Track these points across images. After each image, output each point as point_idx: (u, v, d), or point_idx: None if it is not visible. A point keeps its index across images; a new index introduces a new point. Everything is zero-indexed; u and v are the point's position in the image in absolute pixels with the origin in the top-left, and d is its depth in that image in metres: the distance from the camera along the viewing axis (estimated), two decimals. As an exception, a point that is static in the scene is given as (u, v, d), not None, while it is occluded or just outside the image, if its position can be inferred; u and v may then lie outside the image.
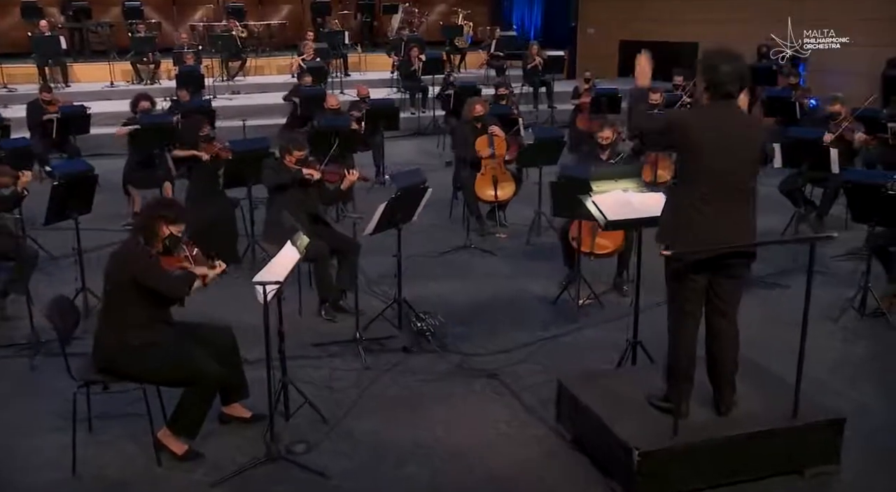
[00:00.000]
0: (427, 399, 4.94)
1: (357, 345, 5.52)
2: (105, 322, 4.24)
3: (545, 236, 8.15)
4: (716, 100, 3.81)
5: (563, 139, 8.18)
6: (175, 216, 4.25)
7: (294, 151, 6.15)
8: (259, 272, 4.40)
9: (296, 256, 4.27)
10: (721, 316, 4.00)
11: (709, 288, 3.93)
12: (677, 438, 3.84)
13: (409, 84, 14.22)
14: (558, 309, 6.36)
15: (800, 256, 7.12)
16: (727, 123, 3.81)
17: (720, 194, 3.81)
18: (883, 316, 6.05)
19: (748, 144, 3.84)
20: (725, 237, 3.79)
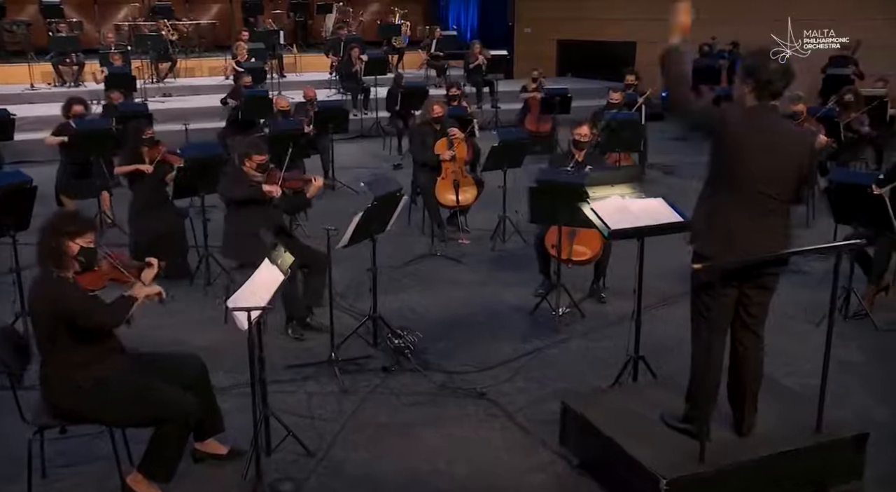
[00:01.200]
0: (417, 425, 4.57)
1: (333, 366, 5.12)
2: (47, 363, 3.70)
3: (511, 242, 7.89)
4: (763, 100, 3.56)
5: (528, 141, 7.90)
6: (78, 227, 3.68)
7: (254, 156, 5.71)
8: (235, 294, 3.99)
9: (279, 276, 3.85)
10: (749, 330, 3.77)
11: (737, 301, 3.68)
12: (704, 464, 3.57)
13: (351, 85, 13.79)
14: (537, 319, 6.08)
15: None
16: (775, 129, 3.58)
17: (757, 202, 3.57)
18: (866, 317, 5.96)
19: (793, 156, 3.59)
20: (762, 247, 3.55)
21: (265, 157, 5.77)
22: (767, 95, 3.57)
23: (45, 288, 3.61)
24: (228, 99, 11.18)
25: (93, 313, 3.60)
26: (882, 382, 5.10)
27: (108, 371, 3.68)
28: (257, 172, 5.76)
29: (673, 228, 4.37)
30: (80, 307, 3.58)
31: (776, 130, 3.60)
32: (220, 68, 15.21)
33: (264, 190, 5.65)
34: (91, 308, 3.62)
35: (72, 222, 3.69)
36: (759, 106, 3.56)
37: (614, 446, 3.80)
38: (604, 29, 17.83)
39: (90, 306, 3.63)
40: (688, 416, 3.84)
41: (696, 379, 3.78)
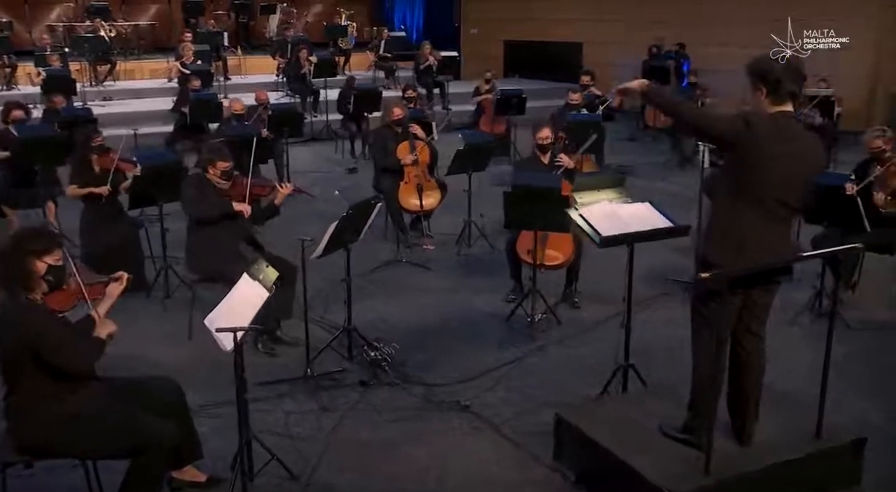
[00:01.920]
0: (403, 441, 4.40)
1: (309, 382, 4.92)
2: (14, 394, 3.41)
3: (476, 246, 7.76)
4: (779, 104, 3.47)
5: (493, 143, 7.78)
6: (44, 245, 3.39)
7: (218, 163, 5.46)
8: (214, 313, 3.76)
9: (262, 292, 3.63)
10: (752, 334, 3.71)
11: (741, 305, 3.60)
12: (709, 475, 3.49)
13: (300, 87, 13.49)
14: (512, 326, 5.95)
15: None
16: (798, 137, 3.51)
17: (774, 210, 3.50)
18: (836, 316, 5.98)
19: (811, 164, 3.56)
20: (773, 253, 3.50)
21: (230, 163, 5.52)
22: (784, 98, 3.49)
23: (11, 313, 3.33)
24: (181, 108, 10.79)
25: (61, 352, 3.31)
26: (863, 382, 5.11)
27: (81, 402, 3.40)
28: (222, 179, 5.51)
29: (663, 233, 4.29)
30: (51, 342, 3.29)
31: (798, 138, 3.52)
32: (162, 70, 14.79)
33: (235, 209, 5.41)
34: (61, 346, 3.32)
35: (38, 239, 3.41)
36: (781, 113, 3.48)
37: (615, 458, 3.70)
38: (550, 30, 17.87)
39: (60, 343, 3.32)
40: (688, 425, 3.76)
41: (701, 388, 3.70)
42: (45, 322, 3.34)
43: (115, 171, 6.48)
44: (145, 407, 3.61)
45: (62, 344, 3.32)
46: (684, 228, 4.35)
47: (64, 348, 3.32)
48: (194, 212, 5.42)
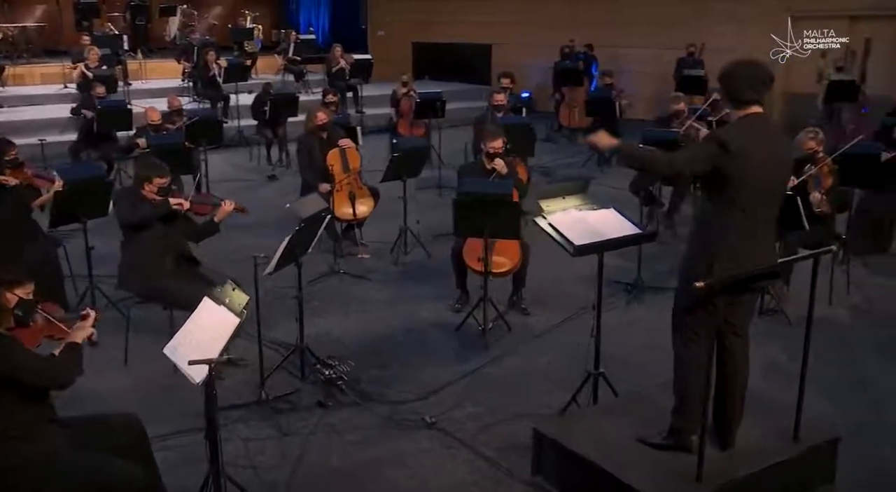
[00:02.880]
0: (376, 465, 4.21)
1: (263, 406, 4.67)
2: None
3: (413, 254, 7.61)
4: (742, 109, 3.49)
5: (427, 150, 7.63)
6: (15, 276, 3.25)
7: (155, 179, 5.13)
8: (174, 342, 3.49)
9: (232, 318, 3.38)
10: (737, 335, 3.72)
11: (725, 309, 3.59)
12: (702, 484, 3.45)
13: (210, 92, 12.97)
14: (463, 336, 5.83)
15: (670, 260, 7.16)
16: (771, 139, 3.53)
17: (760, 218, 3.54)
18: (776, 313, 6.11)
19: (787, 164, 3.64)
20: (761, 260, 3.50)
21: (168, 179, 5.21)
22: (744, 104, 3.51)
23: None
24: (82, 110, 10.18)
25: (44, 371, 3.13)
26: (812, 378, 5.20)
27: (44, 447, 3.10)
28: (158, 196, 5.18)
29: (632, 240, 4.25)
30: (30, 365, 3.08)
31: (771, 138, 3.56)
32: (57, 75, 13.99)
33: (172, 204, 5.08)
34: (42, 367, 3.13)
35: (8, 271, 3.19)
36: (748, 117, 3.49)
37: (602, 472, 3.62)
38: (459, 31, 17.86)
39: (40, 365, 3.13)
40: (674, 428, 3.74)
41: (689, 395, 3.67)
42: (18, 350, 3.10)
43: (28, 186, 6.02)
44: (108, 448, 3.32)
45: (42, 365, 3.14)
46: (652, 233, 4.33)
47: (46, 367, 3.15)
48: (133, 216, 5.06)
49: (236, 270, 5.77)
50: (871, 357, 5.48)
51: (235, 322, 3.35)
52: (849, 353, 5.58)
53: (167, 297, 5.06)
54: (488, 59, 17.84)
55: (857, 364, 5.42)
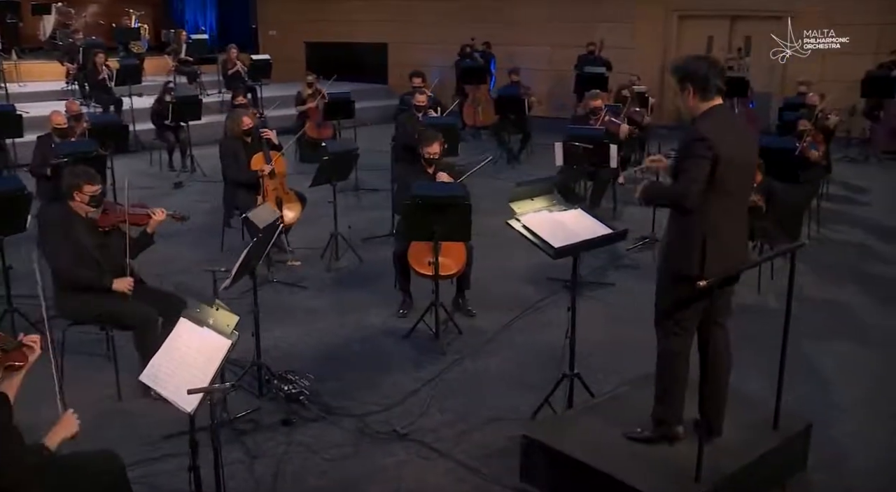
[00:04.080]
0: (355, 483, 4.05)
1: (225, 428, 4.41)
2: None
3: (344, 259, 7.42)
4: (709, 100, 3.54)
5: (357, 152, 7.46)
6: None
7: (85, 186, 4.77)
8: (153, 370, 3.24)
9: (222, 341, 3.16)
10: (719, 325, 3.80)
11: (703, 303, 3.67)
12: (700, 484, 3.48)
13: (100, 96, 12.27)
14: (415, 341, 5.72)
15: (603, 253, 7.28)
16: (739, 127, 3.65)
17: (737, 210, 3.64)
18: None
19: (754, 150, 3.73)
20: (743, 249, 3.62)
21: (99, 186, 4.85)
22: (712, 94, 3.57)
23: None
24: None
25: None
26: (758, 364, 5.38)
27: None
28: (90, 206, 4.82)
29: (605, 240, 4.26)
30: None
31: (739, 126, 3.70)
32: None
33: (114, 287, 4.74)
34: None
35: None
36: (717, 107, 3.56)
37: (601, 475, 3.60)
38: (353, 30, 17.64)
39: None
40: (658, 420, 3.79)
41: (674, 388, 3.75)
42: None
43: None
44: (86, 487, 3.04)
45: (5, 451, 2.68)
46: (623, 232, 4.35)
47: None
48: (66, 275, 4.67)
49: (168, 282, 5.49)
50: (808, 340, 5.68)
51: (226, 344, 3.12)
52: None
53: (112, 319, 4.72)
54: (384, 59, 17.70)
55: (795, 348, 5.63)
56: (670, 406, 3.78)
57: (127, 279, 4.75)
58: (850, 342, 5.71)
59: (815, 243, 7.87)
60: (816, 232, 8.16)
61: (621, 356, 5.32)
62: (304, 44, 18.23)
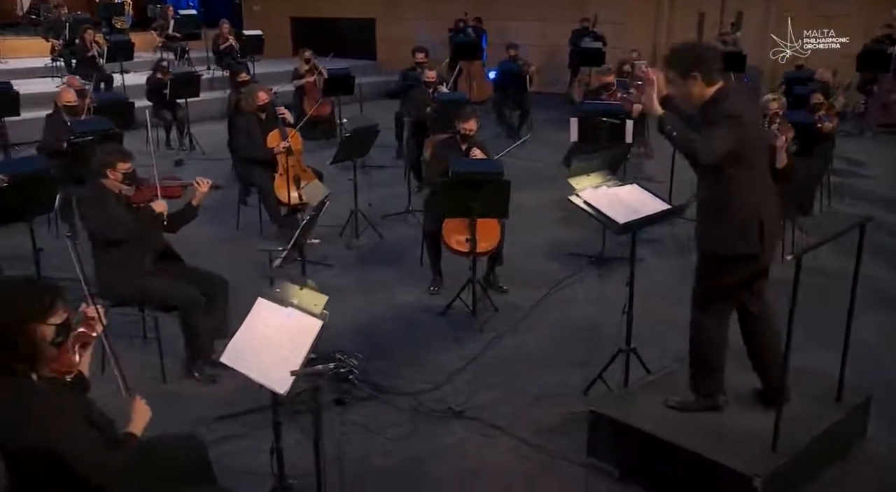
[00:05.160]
0: (420, 461, 4.03)
1: (283, 409, 4.35)
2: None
3: (364, 237, 7.35)
4: (714, 83, 3.56)
5: (378, 129, 7.36)
6: (45, 303, 2.56)
7: (118, 164, 4.67)
8: (231, 349, 3.17)
9: (312, 323, 3.10)
10: (759, 297, 3.83)
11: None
12: (778, 454, 3.51)
13: (90, 72, 11.95)
14: (452, 319, 5.69)
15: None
16: (750, 102, 3.79)
17: (770, 182, 3.69)
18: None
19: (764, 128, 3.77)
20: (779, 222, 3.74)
21: (130, 164, 4.75)
22: (716, 77, 3.59)
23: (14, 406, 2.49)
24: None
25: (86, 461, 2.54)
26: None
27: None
28: (124, 184, 4.71)
29: (664, 215, 4.25)
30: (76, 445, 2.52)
31: (751, 101, 3.73)
32: None
33: (156, 211, 4.64)
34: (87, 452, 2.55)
35: (33, 298, 2.55)
36: (726, 86, 3.58)
37: (676, 450, 3.61)
38: (340, 5, 17.40)
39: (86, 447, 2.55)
40: (704, 392, 3.85)
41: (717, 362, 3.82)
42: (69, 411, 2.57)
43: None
44: (172, 476, 2.97)
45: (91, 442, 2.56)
46: (681, 207, 4.35)
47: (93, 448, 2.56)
48: (109, 235, 4.56)
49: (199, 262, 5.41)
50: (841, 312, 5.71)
51: (317, 325, 3.07)
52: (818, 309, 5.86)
53: (157, 300, 4.63)
54: (372, 34, 17.49)
55: (834, 320, 5.69)
56: (713, 378, 3.84)
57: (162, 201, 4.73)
58: (887, 313, 5.76)
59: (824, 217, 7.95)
60: (827, 205, 8.23)
61: (659, 331, 5.32)
62: (290, 19, 17.94)
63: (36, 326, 2.53)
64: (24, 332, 2.50)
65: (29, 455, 2.49)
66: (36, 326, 2.53)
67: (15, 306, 2.52)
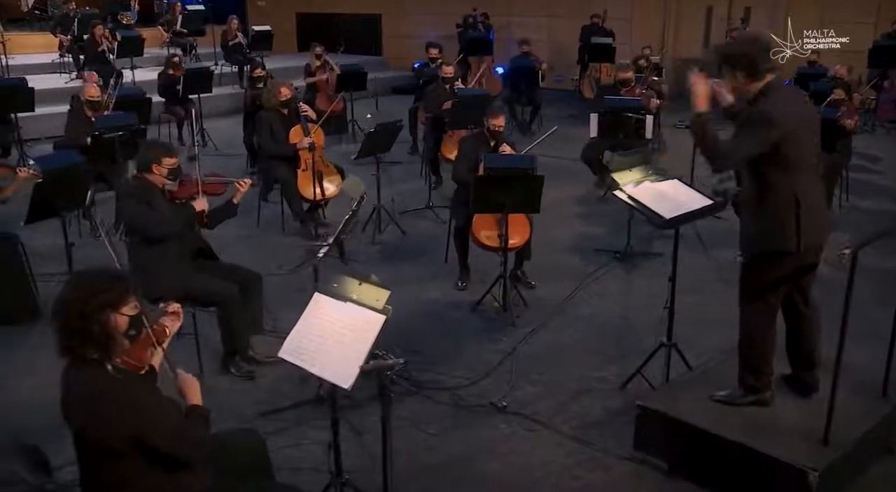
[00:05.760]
0: (469, 458, 4.02)
1: (324, 405, 4.36)
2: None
3: (387, 233, 7.34)
4: (760, 80, 3.54)
5: (401, 125, 7.34)
6: (120, 292, 2.60)
7: (164, 159, 4.65)
8: (289, 345, 3.16)
9: (375, 318, 3.09)
10: (803, 293, 3.84)
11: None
12: (829, 447, 3.52)
13: (100, 68, 11.87)
14: (483, 315, 5.70)
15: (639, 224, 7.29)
16: (795, 100, 3.69)
17: (815, 178, 3.69)
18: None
19: (816, 121, 3.77)
20: (829, 218, 3.72)
21: (177, 159, 4.73)
22: (762, 75, 3.57)
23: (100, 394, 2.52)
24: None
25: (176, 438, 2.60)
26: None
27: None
28: (168, 179, 4.70)
29: (707, 211, 4.25)
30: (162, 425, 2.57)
31: (798, 99, 3.78)
32: None
33: (197, 208, 4.64)
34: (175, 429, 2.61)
35: (109, 287, 2.59)
36: (773, 82, 3.55)
37: (727, 444, 3.61)
38: (346, 1, 17.34)
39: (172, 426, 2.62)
40: (751, 387, 3.85)
41: (765, 358, 3.82)
42: (151, 400, 2.63)
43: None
44: (231, 471, 2.96)
45: (175, 427, 2.62)
46: (722, 203, 4.36)
47: (178, 432, 2.61)
48: (151, 232, 4.54)
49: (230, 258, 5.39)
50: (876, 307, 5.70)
51: (380, 320, 3.06)
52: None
53: (196, 296, 4.61)
54: (378, 30, 17.46)
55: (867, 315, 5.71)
56: (761, 374, 3.85)
57: (203, 200, 4.76)
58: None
59: (845, 212, 7.97)
60: (846, 200, 8.25)
61: (691, 325, 5.33)
62: (295, 15, 17.89)
63: (110, 314, 2.56)
64: (99, 319, 2.53)
65: (111, 444, 2.50)
66: (110, 314, 2.56)
67: (91, 293, 2.55)
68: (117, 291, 2.60)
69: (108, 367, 2.57)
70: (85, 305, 2.52)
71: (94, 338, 2.53)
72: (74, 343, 2.54)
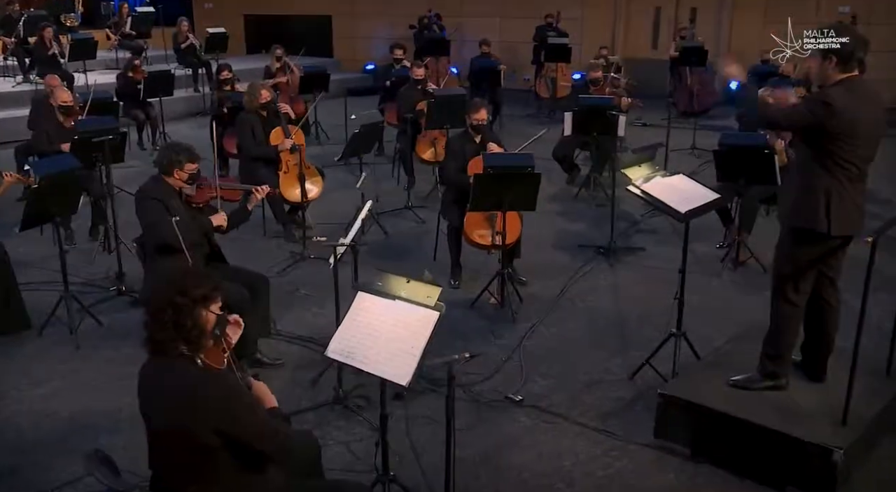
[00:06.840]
0: (496, 451, 4.08)
1: (337, 406, 4.39)
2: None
3: (369, 233, 7.34)
4: (847, 71, 3.67)
5: (383, 125, 7.35)
6: (211, 289, 2.65)
7: (186, 164, 4.61)
8: (336, 345, 3.17)
9: (428, 315, 3.12)
10: (833, 285, 3.99)
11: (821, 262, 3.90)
12: (847, 427, 3.69)
13: (49, 71, 11.54)
14: (482, 311, 5.76)
15: (620, 220, 7.46)
16: (873, 98, 3.76)
17: (861, 175, 3.79)
18: (743, 263, 6.53)
19: (883, 125, 3.85)
20: (862, 210, 3.79)
21: (197, 164, 4.69)
22: (853, 66, 3.71)
23: (188, 384, 2.53)
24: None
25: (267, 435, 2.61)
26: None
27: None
28: (187, 184, 4.65)
29: (718, 203, 4.40)
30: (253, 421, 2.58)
31: (870, 97, 3.78)
32: None
33: (215, 223, 4.61)
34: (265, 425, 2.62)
35: (199, 283, 2.62)
36: (849, 79, 3.68)
37: (750, 426, 3.75)
38: (295, 3, 17.20)
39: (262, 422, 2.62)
40: (770, 373, 4.01)
41: (788, 345, 3.99)
42: (245, 396, 2.64)
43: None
44: (291, 471, 2.97)
45: (267, 424, 2.62)
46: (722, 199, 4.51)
47: (270, 429, 2.62)
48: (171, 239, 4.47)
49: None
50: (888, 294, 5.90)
51: (434, 316, 3.10)
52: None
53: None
54: (328, 32, 17.35)
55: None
56: (783, 362, 4.01)
57: (222, 214, 4.78)
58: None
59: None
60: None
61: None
62: (243, 17, 17.67)
63: (202, 309, 2.60)
64: (192, 313, 2.56)
65: (203, 438, 2.50)
66: (202, 309, 2.60)
67: (185, 287, 2.58)
68: (209, 287, 2.64)
69: (198, 362, 2.58)
70: (181, 298, 2.55)
71: (187, 332, 2.55)
72: (166, 337, 2.55)
